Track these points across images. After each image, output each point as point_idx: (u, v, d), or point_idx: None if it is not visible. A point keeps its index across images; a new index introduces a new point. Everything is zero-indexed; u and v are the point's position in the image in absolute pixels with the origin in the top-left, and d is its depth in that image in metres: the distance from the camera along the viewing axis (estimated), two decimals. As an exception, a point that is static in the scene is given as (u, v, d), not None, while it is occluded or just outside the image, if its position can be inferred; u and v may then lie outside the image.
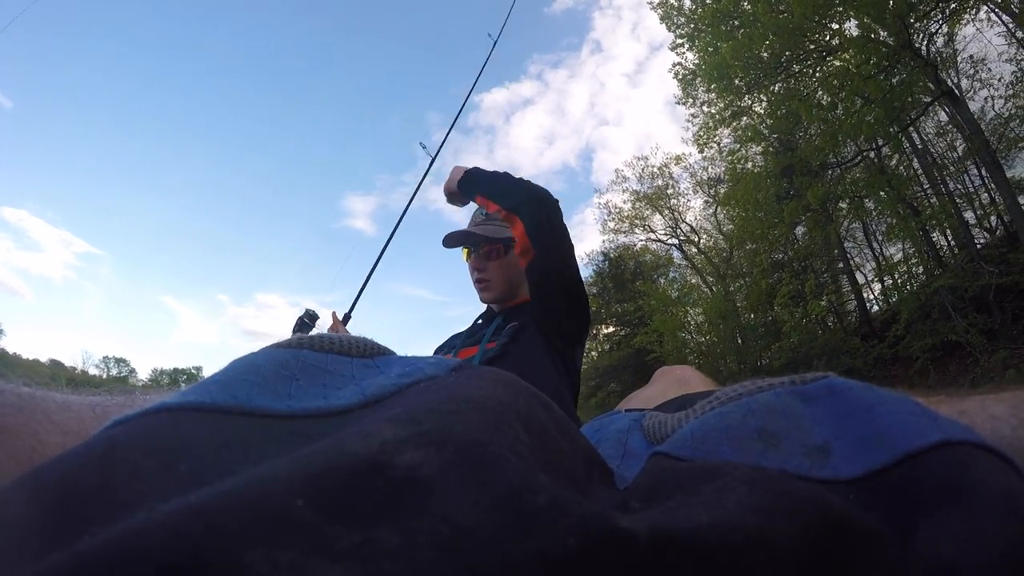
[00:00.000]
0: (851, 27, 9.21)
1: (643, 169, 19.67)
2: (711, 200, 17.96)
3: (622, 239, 20.93)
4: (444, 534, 0.17)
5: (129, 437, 0.23)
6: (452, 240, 1.51)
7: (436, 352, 1.53)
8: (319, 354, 0.34)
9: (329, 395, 0.30)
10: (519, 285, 1.49)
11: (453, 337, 1.56)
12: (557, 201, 1.31)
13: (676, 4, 11.87)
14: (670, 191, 19.53)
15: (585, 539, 0.17)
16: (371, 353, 0.37)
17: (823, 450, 0.28)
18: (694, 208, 19.86)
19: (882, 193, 9.60)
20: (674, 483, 0.26)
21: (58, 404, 0.37)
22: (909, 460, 0.25)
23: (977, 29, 10.12)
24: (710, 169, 17.09)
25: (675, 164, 19.04)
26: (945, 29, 9.48)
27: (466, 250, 1.52)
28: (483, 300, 1.52)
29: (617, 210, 20.20)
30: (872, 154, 10.16)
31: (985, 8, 9.13)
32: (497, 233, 1.46)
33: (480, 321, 1.54)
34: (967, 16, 9.23)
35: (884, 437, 0.27)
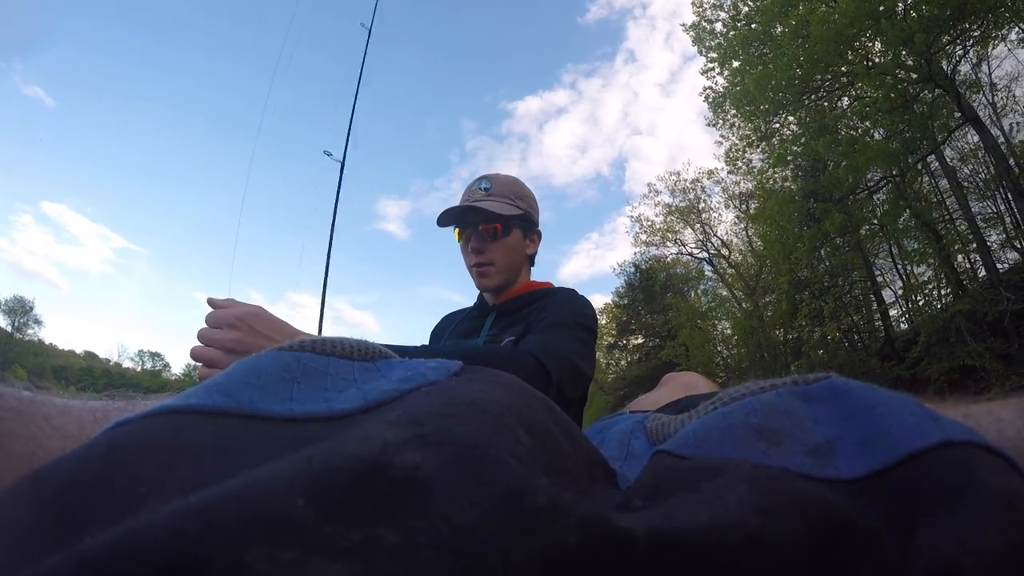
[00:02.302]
0: (875, 56, 9.10)
1: (675, 183, 19.63)
2: (742, 215, 17.77)
3: (653, 251, 20.82)
4: (444, 534, 0.17)
5: (130, 439, 0.23)
6: (450, 217, 1.30)
7: (434, 332, 1.48)
8: (320, 357, 0.34)
9: (330, 398, 0.30)
10: (520, 269, 1.34)
11: (445, 321, 1.47)
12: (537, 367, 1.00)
13: (708, 27, 11.96)
14: (701, 205, 19.41)
15: (585, 539, 0.17)
16: (372, 356, 0.36)
17: (825, 449, 0.28)
18: (725, 222, 19.55)
19: (899, 222, 9.53)
20: (676, 481, 0.26)
21: (58, 408, 0.36)
22: (911, 460, 0.25)
23: (1009, 50, 9.82)
24: (742, 184, 16.80)
25: (707, 178, 18.95)
26: (973, 54, 9.27)
27: (458, 230, 1.32)
28: (481, 287, 1.34)
29: (649, 223, 20.13)
30: (897, 178, 10.02)
31: (1017, 29, 8.64)
32: (501, 209, 1.26)
33: (475, 313, 1.40)
34: (998, 36, 8.83)
35: (886, 437, 0.26)
